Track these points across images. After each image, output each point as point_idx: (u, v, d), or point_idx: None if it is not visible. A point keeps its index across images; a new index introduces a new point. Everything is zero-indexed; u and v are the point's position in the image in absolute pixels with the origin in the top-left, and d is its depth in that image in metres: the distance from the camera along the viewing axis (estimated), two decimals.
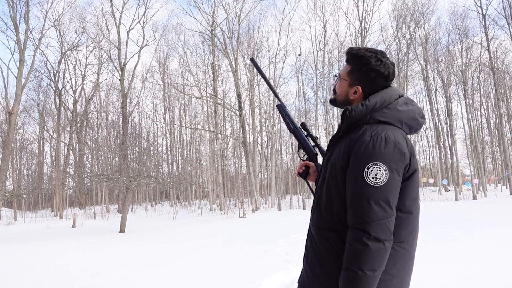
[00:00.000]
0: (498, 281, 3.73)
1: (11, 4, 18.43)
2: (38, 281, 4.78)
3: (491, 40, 23.96)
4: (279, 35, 28.59)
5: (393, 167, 1.20)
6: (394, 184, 1.20)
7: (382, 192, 1.18)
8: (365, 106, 1.30)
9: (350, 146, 1.27)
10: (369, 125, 1.29)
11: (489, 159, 39.07)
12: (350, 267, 1.18)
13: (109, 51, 25.75)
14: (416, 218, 1.31)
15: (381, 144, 1.21)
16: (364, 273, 1.16)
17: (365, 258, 1.16)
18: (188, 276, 4.60)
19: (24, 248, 8.23)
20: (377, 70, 1.35)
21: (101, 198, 32.49)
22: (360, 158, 1.22)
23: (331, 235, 1.30)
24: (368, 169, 1.20)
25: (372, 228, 1.17)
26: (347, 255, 1.20)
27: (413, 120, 1.34)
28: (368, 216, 1.18)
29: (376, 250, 1.16)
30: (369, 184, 1.19)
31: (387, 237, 1.18)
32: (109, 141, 16.31)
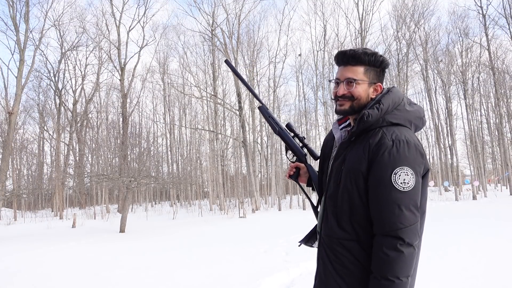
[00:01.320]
0: (498, 281, 3.73)
1: (11, 4, 18.43)
2: (38, 281, 4.77)
3: (491, 40, 23.96)
4: (279, 35, 28.66)
5: (417, 170, 1.20)
6: (418, 187, 1.20)
7: (411, 197, 1.18)
8: (380, 109, 1.27)
9: (371, 152, 1.24)
10: (385, 128, 1.27)
11: (489, 159, 39.08)
12: (385, 275, 1.15)
13: (109, 51, 25.75)
14: (425, 218, 1.32)
15: (404, 148, 1.20)
16: (400, 280, 1.15)
17: (400, 265, 1.15)
18: (188, 276, 4.60)
19: (24, 248, 8.22)
20: (387, 63, 1.36)
21: (101, 198, 32.49)
22: (386, 164, 1.20)
23: (353, 245, 1.26)
24: (395, 174, 1.18)
25: (405, 234, 1.16)
26: (379, 264, 1.17)
27: (419, 119, 1.34)
28: (400, 223, 1.16)
29: (409, 255, 1.16)
30: (399, 189, 1.17)
31: (417, 241, 1.19)
32: (109, 141, 16.33)
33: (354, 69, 1.33)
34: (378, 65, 1.34)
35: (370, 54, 1.32)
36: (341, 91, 1.35)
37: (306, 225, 11.36)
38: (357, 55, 1.32)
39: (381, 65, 1.35)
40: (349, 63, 1.34)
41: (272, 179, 26.83)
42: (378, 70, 1.35)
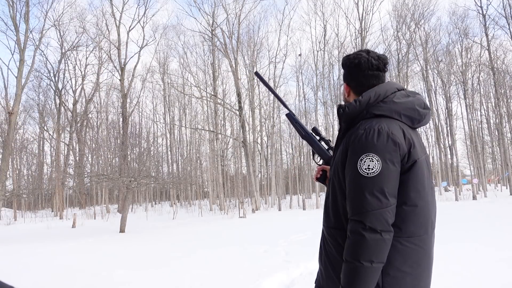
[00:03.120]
0: (498, 281, 3.73)
1: (11, 4, 18.43)
2: (38, 281, 4.77)
3: (491, 40, 23.96)
4: (279, 35, 28.66)
5: (386, 157, 1.20)
6: (388, 174, 1.20)
7: (375, 182, 1.19)
8: (358, 102, 1.32)
9: (347, 142, 1.29)
10: (365, 120, 1.30)
11: (489, 159, 39.09)
12: (348, 258, 1.19)
13: (109, 51, 25.75)
14: (425, 211, 1.28)
15: (373, 136, 1.22)
16: (361, 263, 1.16)
17: (362, 249, 1.16)
18: (188, 276, 4.60)
19: (24, 248, 8.22)
20: (344, 63, 1.44)
21: (101, 198, 32.50)
22: (354, 151, 1.24)
23: (339, 233, 1.31)
24: (361, 160, 1.21)
25: (367, 218, 1.17)
26: (346, 247, 1.22)
27: (412, 110, 1.32)
28: (363, 207, 1.19)
29: (372, 240, 1.16)
30: (362, 175, 1.20)
31: (383, 228, 1.17)
32: (109, 141, 16.32)
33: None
34: (344, 66, 1.45)
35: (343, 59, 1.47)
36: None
37: (306, 225, 11.25)
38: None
39: (343, 66, 1.46)
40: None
41: (272, 179, 26.84)
42: (346, 71, 1.45)
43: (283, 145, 37.62)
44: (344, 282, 1.20)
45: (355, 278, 1.17)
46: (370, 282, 1.17)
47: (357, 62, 1.39)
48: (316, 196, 22.79)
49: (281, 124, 33.73)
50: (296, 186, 37.09)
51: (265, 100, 30.41)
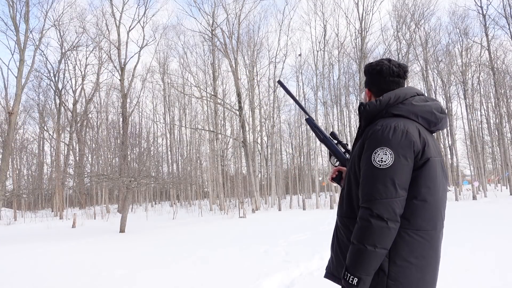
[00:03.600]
0: (498, 281, 3.73)
1: (11, 4, 18.43)
2: (38, 281, 4.77)
3: (491, 40, 23.95)
4: (279, 35, 28.60)
5: (400, 152, 1.29)
6: (400, 167, 1.28)
7: (386, 174, 1.28)
8: (379, 101, 1.43)
9: (365, 137, 1.39)
10: (383, 118, 1.40)
11: (489, 159, 39.08)
12: (355, 241, 1.29)
13: (109, 51, 25.74)
14: (434, 208, 1.35)
15: (389, 132, 1.32)
16: (364, 247, 1.26)
17: (367, 234, 1.26)
18: (188, 276, 4.60)
19: (24, 248, 8.22)
20: (366, 70, 1.57)
21: (101, 198, 32.50)
22: (370, 145, 1.34)
23: (351, 222, 1.40)
24: (375, 153, 1.31)
25: (375, 206, 1.26)
26: (354, 231, 1.32)
27: (429, 113, 1.41)
28: (372, 195, 1.28)
29: (377, 227, 1.25)
30: (375, 166, 1.30)
31: (390, 217, 1.26)
32: (109, 141, 16.33)
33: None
34: (365, 73, 1.58)
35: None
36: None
37: (306, 225, 11.24)
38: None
39: (365, 73, 1.59)
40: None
41: (272, 179, 26.83)
42: (368, 77, 1.58)
43: (283, 145, 37.64)
44: (348, 261, 1.31)
45: (358, 259, 1.27)
46: (372, 265, 1.27)
47: (379, 69, 1.50)
48: (316, 196, 22.79)
49: (281, 124, 33.77)
50: (296, 186, 37.09)
51: (265, 100, 30.44)
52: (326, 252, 5.63)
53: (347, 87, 30.47)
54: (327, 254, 5.50)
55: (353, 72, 28.91)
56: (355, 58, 25.08)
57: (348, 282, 1.28)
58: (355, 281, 1.27)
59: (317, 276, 4.26)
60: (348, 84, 30.38)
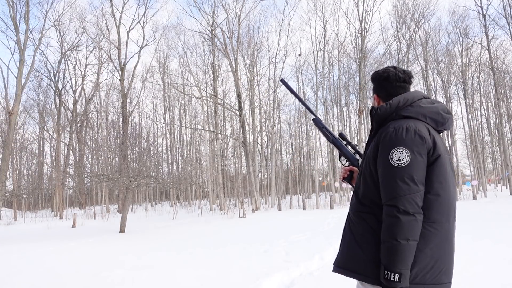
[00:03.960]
0: (498, 281, 3.73)
1: (11, 4, 18.43)
2: (38, 281, 4.77)
3: (491, 40, 23.94)
4: (279, 35, 28.58)
5: (414, 150, 1.39)
6: (416, 163, 1.38)
7: (405, 171, 1.37)
8: (389, 104, 1.53)
9: (378, 139, 1.49)
10: (394, 120, 1.50)
11: (489, 159, 39.06)
12: (386, 239, 1.36)
13: (109, 51, 25.72)
14: (447, 202, 1.43)
15: (402, 133, 1.42)
16: (398, 242, 1.32)
17: (398, 229, 1.33)
18: (188, 276, 4.60)
19: (24, 248, 8.22)
20: (372, 78, 1.69)
21: (101, 198, 32.49)
22: (386, 146, 1.43)
23: (368, 216, 1.48)
24: (392, 153, 1.40)
25: (400, 202, 1.35)
26: (383, 230, 1.38)
27: (436, 114, 1.52)
28: (396, 193, 1.36)
29: (406, 221, 1.33)
30: (394, 166, 1.39)
31: (415, 210, 1.35)
32: (109, 141, 16.31)
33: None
34: (372, 81, 1.70)
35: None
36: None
37: (306, 225, 11.24)
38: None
39: (372, 81, 1.71)
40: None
41: (272, 179, 26.82)
42: (375, 83, 1.70)
43: (283, 145, 37.64)
44: (385, 260, 1.36)
45: (394, 255, 1.33)
46: (408, 258, 1.34)
47: (386, 75, 1.62)
48: (316, 196, 22.78)
49: (281, 124, 33.76)
50: (296, 186, 37.09)
51: (265, 100, 30.43)
52: (326, 252, 5.63)
53: (347, 87, 30.48)
54: (327, 254, 5.50)
55: (353, 72, 28.93)
56: (355, 58, 25.07)
57: (390, 280, 1.33)
58: (397, 277, 1.32)
59: (317, 276, 4.26)
60: (348, 84, 30.40)
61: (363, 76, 22.35)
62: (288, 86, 2.01)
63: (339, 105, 30.62)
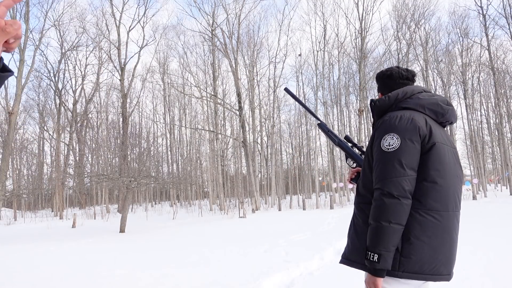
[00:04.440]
0: (498, 281, 3.73)
1: None
2: (38, 281, 4.77)
3: (491, 40, 23.95)
4: (279, 35, 28.57)
5: (406, 136, 1.40)
6: (406, 148, 1.39)
7: (393, 155, 1.39)
8: (387, 97, 1.56)
9: (375, 128, 1.51)
10: (393, 111, 1.52)
11: (489, 159, 39.06)
12: (371, 221, 1.38)
13: (109, 51, 25.73)
14: (445, 190, 1.42)
15: (395, 120, 1.44)
16: (380, 223, 1.34)
17: (381, 211, 1.35)
18: (188, 276, 4.60)
19: (24, 248, 8.22)
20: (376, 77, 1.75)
21: (101, 198, 32.50)
22: (379, 133, 1.47)
23: (366, 206, 1.48)
24: (384, 139, 1.43)
25: (386, 185, 1.36)
26: (370, 213, 1.41)
27: (435, 105, 1.53)
28: (383, 176, 1.39)
29: (389, 204, 1.34)
30: (384, 150, 1.41)
31: (400, 193, 1.35)
32: (109, 141, 16.31)
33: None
34: (377, 80, 1.73)
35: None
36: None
37: (306, 225, 11.22)
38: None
39: (377, 79, 1.74)
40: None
41: (272, 179, 26.82)
42: (380, 82, 1.72)
43: (283, 145, 37.64)
44: (368, 241, 1.38)
45: (376, 237, 1.35)
46: (390, 240, 1.34)
47: (389, 73, 1.67)
48: (316, 196, 22.79)
49: (281, 124, 33.76)
50: (296, 186, 37.09)
51: (265, 100, 30.44)
52: (326, 252, 5.63)
53: (347, 87, 30.49)
54: (327, 254, 5.50)
55: (353, 72, 28.94)
56: (355, 58, 25.07)
57: (370, 260, 1.35)
58: (376, 258, 1.33)
59: (317, 276, 4.26)
60: (348, 84, 30.40)
61: (363, 76, 22.36)
62: (292, 94, 2.02)
63: (339, 105, 30.64)
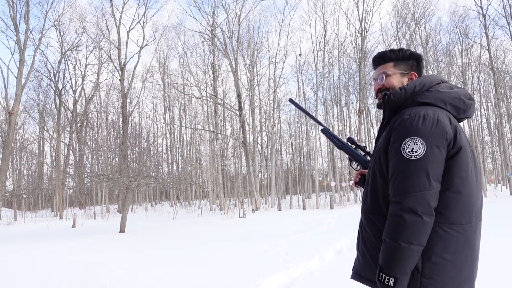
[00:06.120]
0: (498, 281, 3.73)
1: (11, 4, 18.43)
2: (39, 282, 4.77)
3: (491, 40, 23.94)
4: (279, 35, 28.57)
5: (432, 142, 1.21)
6: (433, 157, 1.21)
7: (419, 165, 1.20)
8: (403, 89, 1.37)
9: (390, 128, 1.32)
10: (411, 107, 1.33)
11: (489, 159, 39.06)
12: (387, 239, 1.21)
13: (109, 51, 25.72)
14: (469, 200, 1.26)
15: (418, 121, 1.24)
16: (398, 244, 1.18)
17: (400, 230, 1.18)
18: (188, 276, 4.60)
19: (24, 248, 8.22)
20: (416, 54, 1.48)
21: (101, 198, 32.50)
22: (398, 135, 1.27)
23: (378, 218, 1.33)
24: (405, 144, 1.23)
25: (408, 199, 1.18)
26: (385, 228, 1.24)
27: (457, 100, 1.37)
28: (404, 188, 1.20)
29: (411, 222, 1.17)
30: (406, 158, 1.22)
31: (424, 210, 1.17)
32: (109, 141, 16.29)
33: (384, 66, 1.50)
34: (407, 57, 1.48)
35: (395, 50, 1.49)
36: (376, 86, 1.51)
37: (306, 225, 11.22)
38: (383, 54, 1.51)
39: (410, 56, 1.48)
40: (380, 63, 1.52)
41: (272, 179, 26.82)
42: (409, 62, 1.48)
43: (283, 145, 37.64)
44: (382, 261, 1.22)
45: (392, 258, 1.19)
46: (408, 263, 1.18)
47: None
48: (316, 196, 22.79)
49: (281, 124, 33.76)
50: (296, 186, 37.09)
51: (265, 100, 30.43)
52: (326, 252, 5.63)
53: (347, 87, 30.48)
54: (327, 254, 5.50)
55: (353, 72, 28.93)
56: (355, 58, 25.07)
57: (384, 283, 1.20)
58: (392, 282, 1.18)
59: (317, 276, 4.26)
60: (348, 84, 30.40)
61: (363, 76, 22.36)
62: (297, 104, 1.96)
63: (339, 105, 30.63)
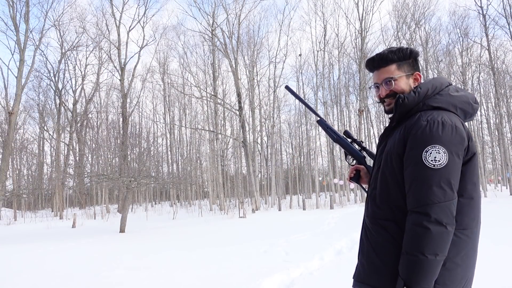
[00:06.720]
0: (498, 281, 3.73)
1: (11, 4, 18.43)
2: (38, 281, 4.77)
3: (491, 40, 23.94)
4: (279, 35, 28.54)
5: (452, 150, 1.20)
6: (454, 166, 1.20)
7: (442, 174, 1.18)
8: (417, 93, 1.34)
9: (406, 133, 1.28)
10: (424, 111, 1.30)
11: (489, 159, 39.07)
12: (411, 251, 1.17)
13: (109, 51, 25.73)
14: (478, 205, 1.29)
15: (438, 128, 1.22)
16: (425, 257, 1.15)
17: (426, 242, 1.15)
18: (188, 276, 4.60)
19: (24, 248, 8.22)
20: (416, 52, 1.44)
21: (101, 198, 32.49)
22: (417, 143, 1.23)
23: (389, 224, 1.29)
24: (426, 152, 1.20)
25: (433, 210, 1.16)
26: (407, 239, 1.19)
27: (467, 104, 1.35)
28: (428, 199, 1.17)
29: (437, 233, 1.15)
30: (429, 167, 1.19)
31: (449, 221, 1.16)
32: (109, 141, 16.29)
33: (387, 69, 1.42)
34: (407, 56, 1.42)
35: (396, 50, 1.41)
36: (383, 92, 1.43)
37: (306, 225, 11.23)
38: (384, 56, 1.42)
39: (410, 55, 1.42)
40: (380, 66, 1.43)
41: (272, 179, 26.82)
42: (410, 61, 1.43)
43: (283, 145, 37.65)
44: (405, 274, 1.18)
45: (418, 271, 1.15)
46: (433, 275, 1.17)
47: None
48: (316, 196, 22.79)
49: (281, 124, 33.77)
50: (296, 186, 37.09)
51: (265, 100, 30.44)
52: (326, 252, 5.63)
53: (347, 87, 30.48)
54: (327, 254, 5.50)
55: (353, 72, 28.92)
56: (355, 58, 25.08)
57: None
58: None
59: (317, 276, 4.26)
60: (348, 84, 30.39)
61: (363, 76, 22.36)
62: (293, 92, 1.90)
63: (339, 105, 30.63)
